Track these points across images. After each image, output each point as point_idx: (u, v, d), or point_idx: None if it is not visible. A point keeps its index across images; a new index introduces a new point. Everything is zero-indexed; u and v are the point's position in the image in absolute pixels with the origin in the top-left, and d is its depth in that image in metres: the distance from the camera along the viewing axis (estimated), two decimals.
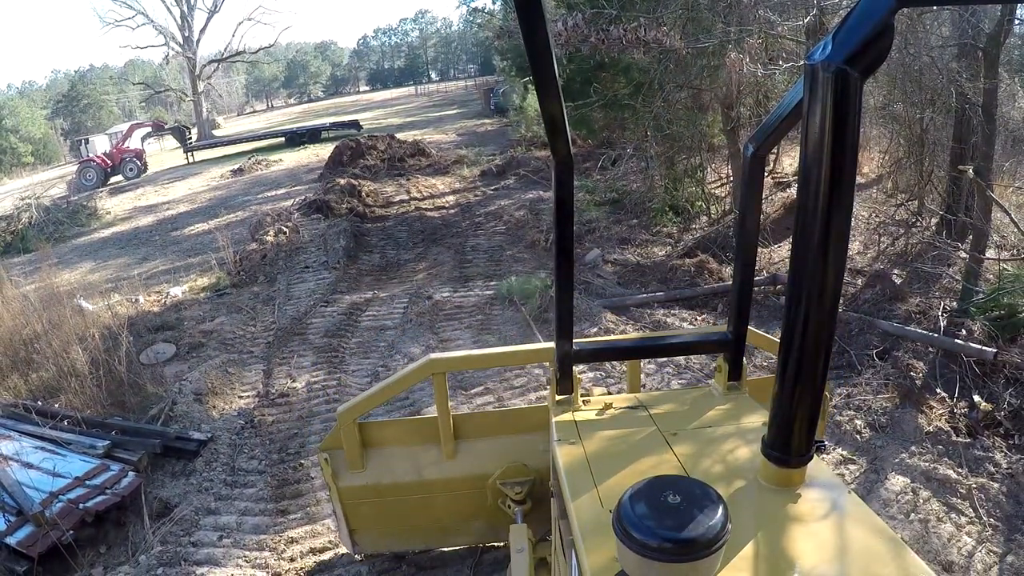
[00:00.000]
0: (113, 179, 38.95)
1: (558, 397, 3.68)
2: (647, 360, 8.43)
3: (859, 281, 11.30)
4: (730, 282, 10.24)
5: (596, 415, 3.49)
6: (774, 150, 16.48)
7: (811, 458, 2.56)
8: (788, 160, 18.10)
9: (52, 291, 12.20)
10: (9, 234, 24.05)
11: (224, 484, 7.34)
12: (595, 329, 9.53)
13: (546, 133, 2.85)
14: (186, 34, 61.41)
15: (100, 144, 39.78)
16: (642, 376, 7.19)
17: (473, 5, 67.30)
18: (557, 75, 2.53)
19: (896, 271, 11.17)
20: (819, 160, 2.07)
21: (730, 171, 14.89)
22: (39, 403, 9.17)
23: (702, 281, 11.25)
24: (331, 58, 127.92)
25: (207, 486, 7.31)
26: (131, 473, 7.31)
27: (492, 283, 12.17)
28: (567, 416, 3.48)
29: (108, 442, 7.87)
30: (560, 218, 3.20)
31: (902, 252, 12.11)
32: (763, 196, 13.62)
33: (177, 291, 13.93)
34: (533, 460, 4.85)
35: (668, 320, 9.99)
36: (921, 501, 6.09)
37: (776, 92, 12.97)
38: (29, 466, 7.50)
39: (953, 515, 5.92)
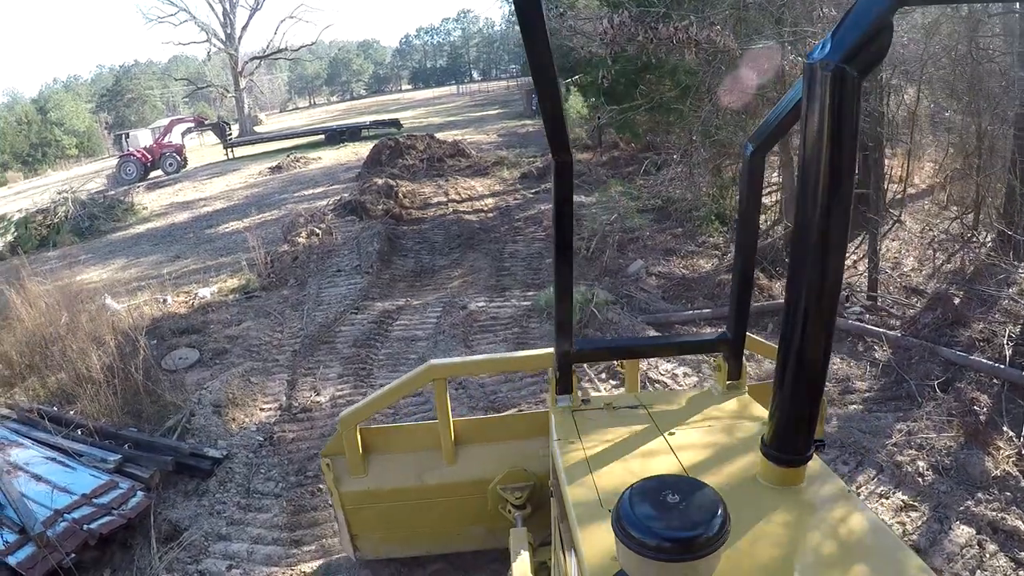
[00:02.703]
0: (153, 174, 39.07)
1: (557, 396, 3.63)
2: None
3: (914, 300, 10.68)
4: (782, 300, 9.64)
5: (595, 414, 3.46)
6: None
7: (811, 457, 2.57)
8: None
9: (74, 290, 11.86)
10: (45, 228, 23.96)
11: (237, 507, 6.87)
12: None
13: (546, 133, 2.83)
14: (228, 31, 61.78)
15: (142, 138, 39.96)
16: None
17: None
18: (557, 75, 2.53)
19: (953, 290, 10.52)
20: (817, 160, 2.08)
21: (780, 179, 14.16)
22: (55, 408, 8.85)
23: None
24: (373, 56, 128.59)
25: (219, 509, 6.84)
26: (140, 492, 6.87)
27: (530, 293, 11.61)
28: (566, 415, 3.45)
29: (120, 456, 7.47)
30: (559, 218, 3.18)
31: (959, 270, 11.45)
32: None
33: (206, 292, 13.56)
34: (533, 465, 4.89)
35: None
36: (988, 556, 5.46)
37: None
38: (37, 478, 7.15)
39: (1023, 573, 5.29)
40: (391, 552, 5.53)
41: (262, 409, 8.77)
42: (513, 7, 2.26)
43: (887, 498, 6.21)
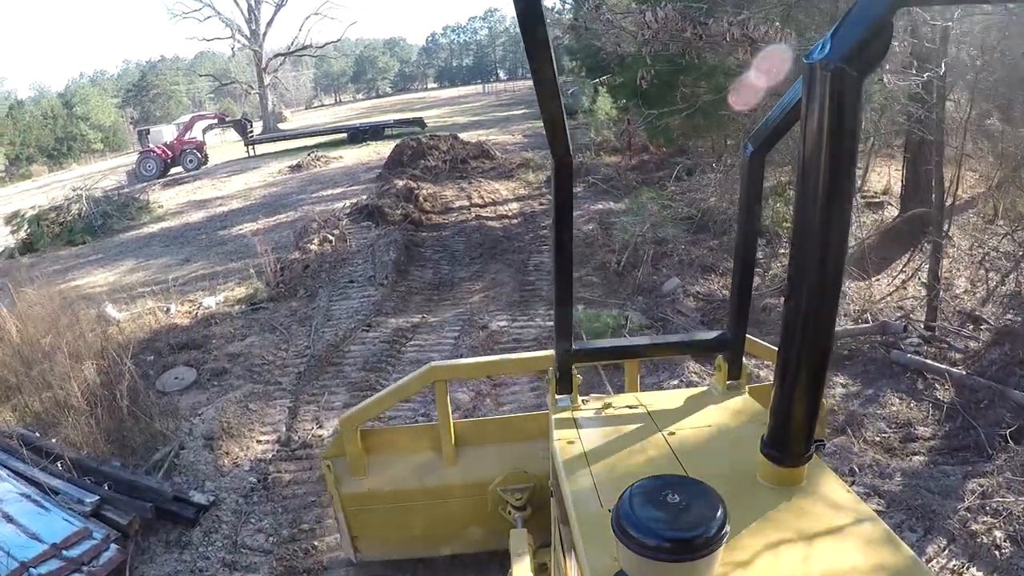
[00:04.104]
0: (173, 170, 38.65)
1: (557, 397, 3.61)
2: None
3: (970, 326, 9.74)
4: (837, 329, 8.56)
5: (595, 414, 3.45)
6: (860, 164, 15.09)
7: (811, 457, 2.55)
8: (877, 176, 16.37)
9: (71, 298, 11.11)
10: (57, 225, 23.34)
11: (222, 565, 6.06)
12: (675, 381, 8.04)
13: (545, 133, 2.86)
14: (253, 27, 61.31)
15: (166, 134, 39.52)
16: None
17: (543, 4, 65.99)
18: (556, 75, 2.53)
19: (1010, 316, 9.80)
20: (817, 160, 2.07)
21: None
22: (36, 434, 8.09)
23: None
24: (399, 54, 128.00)
25: (202, 566, 6.05)
26: (113, 546, 6.09)
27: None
28: (566, 415, 3.44)
29: (97, 498, 6.67)
30: (559, 219, 3.22)
31: (1015, 293, 10.55)
32: (852, 218, 12.25)
33: (211, 302, 12.78)
34: (533, 467, 4.89)
35: (761, 374, 8.42)
36: None
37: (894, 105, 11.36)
38: (8, 518, 6.44)
39: None
40: (391, 554, 5.53)
41: (259, 441, 7.97)
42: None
43: (961, 575, 5.43)
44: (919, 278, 12.05)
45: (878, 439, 7.39)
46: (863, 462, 6.94)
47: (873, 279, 11.67)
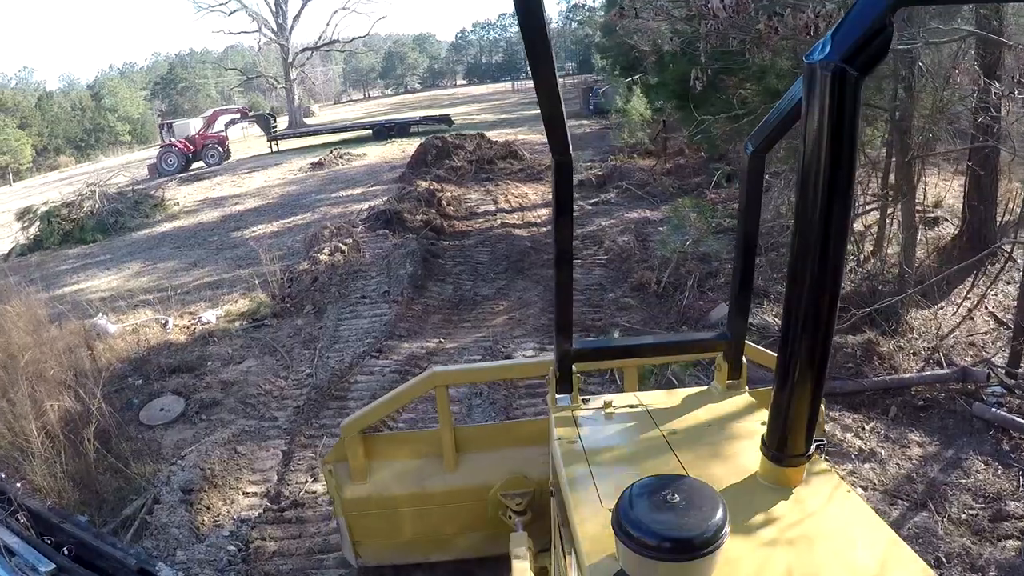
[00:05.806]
0: (195, 165, 38.17)
1: (558, 396, 3.54)
2: None
3: None
4: (911, 374, 8.52)
5: (595, 414, 3.43)
6: (913, 176, 13.99)
7: (810, 457, 2.54)
8: (926, 187, 15.01)
9: (47, 313, 10.09)
10: (69, 222, 22.58)
11: None
12: None
13: (545, 132, 2.83)
14: (280, 21, 60.65)
15: (193, 127, 39.03)
16: None
17: (573, 2, 65.30)
18: (556, 74, 2.52)
19: None
20: (818, 160, 2.06)
21: (898, 214, 11.73)
22: (2, 475, 7.14)
23: (869, 370, 8.34)
24: (429, 50, 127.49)
25: None
26: None
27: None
28: (567, 415, 3.41)
29: (53, 567, 5.80)
30: (559, 219, 3.17)
31: None
32: (916, 235, 10.94)
33: (211, 316, 11.78)
34: (533, 471, 4.86)
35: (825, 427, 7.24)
36: None
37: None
38: None
39: None
40: (392, 559, 5.49)
41: (245, 494, 6.95)
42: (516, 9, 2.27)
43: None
44: (986, 307, 10.80)
45: (964, 517, 6.23)
46: (951, 550, 5.79)
47: (937, 307, 10.42)
